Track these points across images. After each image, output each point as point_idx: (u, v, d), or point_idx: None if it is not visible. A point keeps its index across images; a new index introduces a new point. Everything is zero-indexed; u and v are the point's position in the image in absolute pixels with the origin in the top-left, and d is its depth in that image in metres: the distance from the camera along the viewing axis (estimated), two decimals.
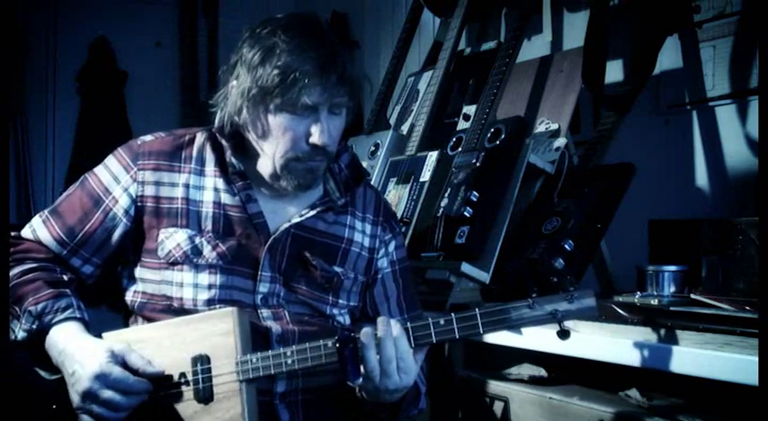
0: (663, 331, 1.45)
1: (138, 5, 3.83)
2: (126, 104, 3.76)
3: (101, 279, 1.46)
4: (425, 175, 2.23)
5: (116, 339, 1.34)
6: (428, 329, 1.23)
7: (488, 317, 1.22)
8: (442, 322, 1.22)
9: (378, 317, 1.48)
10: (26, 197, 3.54)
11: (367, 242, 1.50)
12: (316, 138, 1.33)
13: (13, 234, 1.45)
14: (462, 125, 2.26)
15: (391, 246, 1.55)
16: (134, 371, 1.28)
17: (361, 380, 1.24)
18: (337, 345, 1.23)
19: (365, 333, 1.23)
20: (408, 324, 1.24)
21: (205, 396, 1.29)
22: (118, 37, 3.73)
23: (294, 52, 1.29)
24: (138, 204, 1.41)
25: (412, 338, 1.23)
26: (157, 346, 1.32)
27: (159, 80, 3.86)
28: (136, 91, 3.78)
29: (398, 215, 2.18)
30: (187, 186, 1.41)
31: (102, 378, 1.25)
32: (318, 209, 1.44)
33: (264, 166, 1.39)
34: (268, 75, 1.29)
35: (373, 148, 2.53)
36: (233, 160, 1.40)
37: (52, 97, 3.69)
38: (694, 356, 1.33)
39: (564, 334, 1.23)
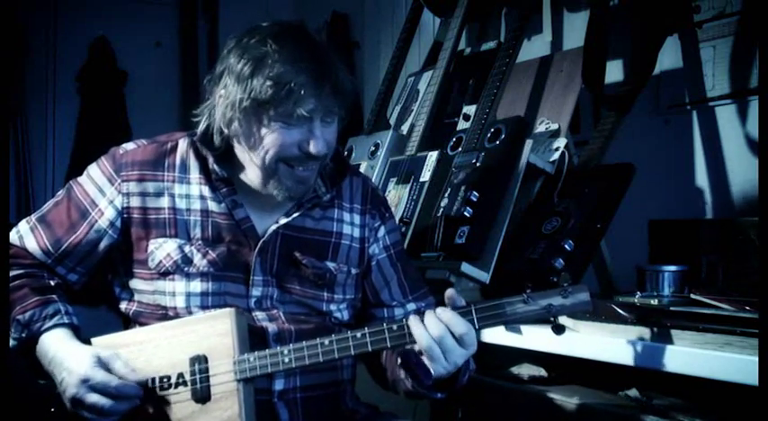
0: (663, 331, 1.45)
1: (138, 5, 3.84)
2: (126, 104, 3.77)
3: (88, 284, 1.47)
4: (425, 175, 2.22)
5: (111, 343, 1.34)
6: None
7: (483, 312, 1.22)
8: None
9: (379, 303, 1.50)
10: (26, 197, 3.55)
11: (357, 233, 1.50)
12: (311, 147, 1.31)
13: None
14: (462, 125, 2.26)
15: (381, 232, 1.53)
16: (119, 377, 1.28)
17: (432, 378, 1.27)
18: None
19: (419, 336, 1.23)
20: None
21: (202, 396, 1.28)
22: (118, 37, 3.74)
23: (287, 62, 1.27)
24: (125, 216, 1.40)
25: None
26: (155, 348, 1.33)
27: (159, 80, 3.86)
28: (136, 91, 3.78)
29: (398, 215, 2.18)
30: (173, 195, 1.40)
31: (86, 382, 1.25)
32: (305, 207, 1.43)
33: (253, 175, 1.37)
34: (261, 86, 1.26)
35: (373, 148, 2.53)
36: (215, 167, 1.39)
37: (52, 97, 3.69)
38: (694, 356, 1.33)
39: (558, 329, 1.24)
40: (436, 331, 1.22)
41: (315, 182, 1.43)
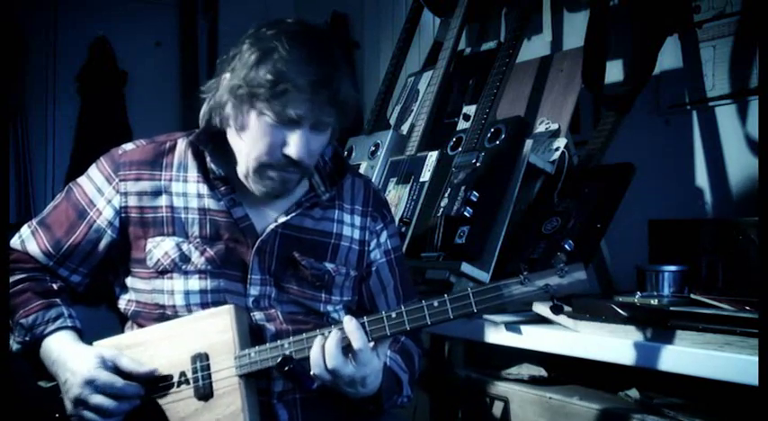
0: (663, 331, 1.45)
1: (138, 5, 3.83)
2: (126, 104, 3.76)
3: (91, 285, 1.47)
4: (425, 175, 2.23)
5: (110, 345, 1.34)
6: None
7: (481, 296, 1.21)
8: (435, 304, 1.22)
9: (374, 308, 1.49)
10: (26, 197, 3.54)
11: (357, 235, 1.49)
12: (291, 150, 1.30)
13: None
14: (462, 125, 2.26)
15: (383, 236, 1.53)
16: (126, 375, 1.29)
17: (317, 384, 1.26)
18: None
19: (317, 342, 1.24)
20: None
21: (205, 393, 1.29)
22: (118, 37, 3.73)
23: (291, 62, 1.26)
24: (123, 215, 1.40)
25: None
26: (156, 348, 1.33)
27: (159, 80, 3.86)
28: (136, 91, 3.77)
29: (398, 215, 2.18)
30: (170, 194, 1.40)
31: (90, 383, 1.26)
32: (304, 206, 1.43)
33: (240, 165, 1.36)
34: (260, 78, 1.26)
35: (373, 148, 2.53)
36: (212, 166, 1.39)
37: (52, 97, 3.68)
38: (694, 356, 1.32)
39: (557, 309, 1.24)
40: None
41: (308, 181, 1.43)
